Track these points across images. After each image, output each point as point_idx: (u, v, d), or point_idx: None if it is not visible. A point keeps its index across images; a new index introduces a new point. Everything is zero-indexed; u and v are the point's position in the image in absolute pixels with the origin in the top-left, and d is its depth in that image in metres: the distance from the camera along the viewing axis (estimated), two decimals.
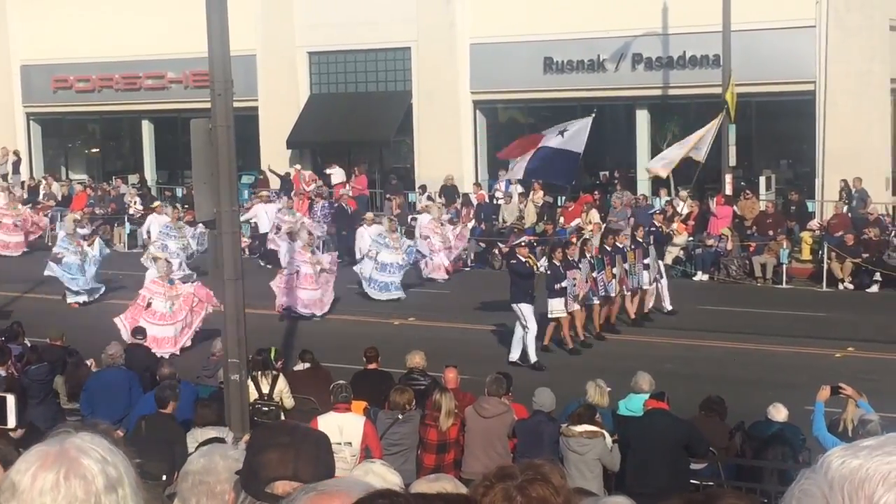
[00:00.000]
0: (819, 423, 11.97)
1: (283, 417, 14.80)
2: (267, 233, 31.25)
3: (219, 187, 13.68)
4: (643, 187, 34.63)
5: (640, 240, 24.18)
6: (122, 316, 22.14)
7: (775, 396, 14.75)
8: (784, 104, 33.45)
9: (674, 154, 26.55)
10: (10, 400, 3.12)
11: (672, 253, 28.18)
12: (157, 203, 31.24)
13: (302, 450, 3.27)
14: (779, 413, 13.75)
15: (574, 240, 24.34)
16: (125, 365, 16.55)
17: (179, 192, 38.21)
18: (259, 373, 15.28)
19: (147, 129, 42.79)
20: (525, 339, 20.74)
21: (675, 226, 29.02)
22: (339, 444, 12.30)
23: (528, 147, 22.10)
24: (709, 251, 29.06)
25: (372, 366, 16.20)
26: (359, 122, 36.94)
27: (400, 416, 13.40)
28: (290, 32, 38.08)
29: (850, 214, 29.65)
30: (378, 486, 3.34)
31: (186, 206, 33.62)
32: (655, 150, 34.83)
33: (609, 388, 14.81)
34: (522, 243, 22.86)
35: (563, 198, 33.68)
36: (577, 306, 21.91)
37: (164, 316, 22.25)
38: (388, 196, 35.16)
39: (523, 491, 2.96)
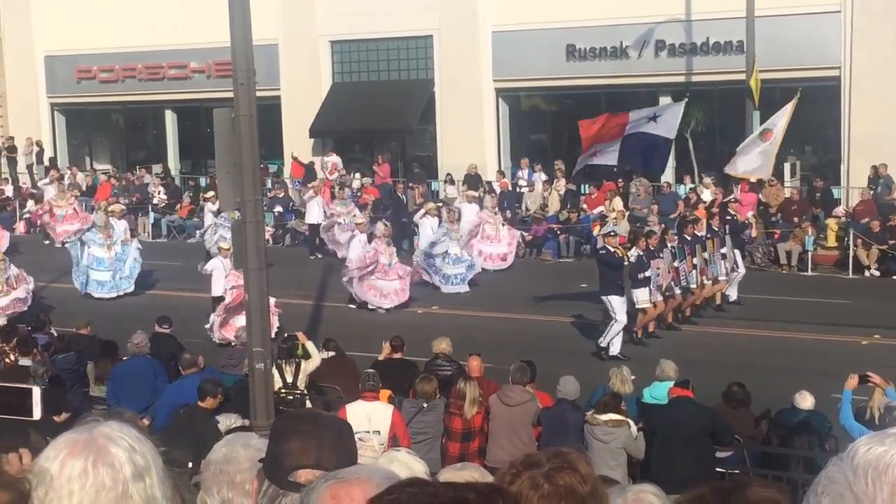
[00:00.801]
0: (846, 412, 11.93)
1: (308, 406, 14.85)
2: (318, 224, 31.09)
3: (242, 177, 13.70)
4: (667, 174, 34.47)
5: (717, 228, 23.65)
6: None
7: (801, 384, 14.67)
8: (809, 90, 33.19)
9: (767, 151, 25.11)
10: (36, 392, 3.13)
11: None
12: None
13: (324, 438, 3.28)
14: (805, 401, 13.69)
15: (656, 229, 23.84)
16: (150, 353, 16.64)
17: (203, 181, 38.29)
18: (283, 361, 15.31)
19: (170, 118, 42.88)
20: (613, 327, 20.31)
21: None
22: (368, 432, 12.32)
23: (613, 132, 21.49)
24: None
25: (397, 355, 16.22)
26: (381, 110, 36.94)
27: (425, 405, 13.42)
28: (312, 21, 38.08)
29: (875, 200, 29.47)
30: (401, 474, 3.35)
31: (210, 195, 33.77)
32: (679, 138, 34.68)
33: (633, 377, 14.79)
34: (612, 233, 22.31)
35: (587, 185, 33.62)
36: (660, 297, 21.50)
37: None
38: (410, 185, 35.16)
39: (550, 479, 2.95)
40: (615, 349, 20.25)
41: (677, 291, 22.11)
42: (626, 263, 20.61)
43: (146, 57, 40.90)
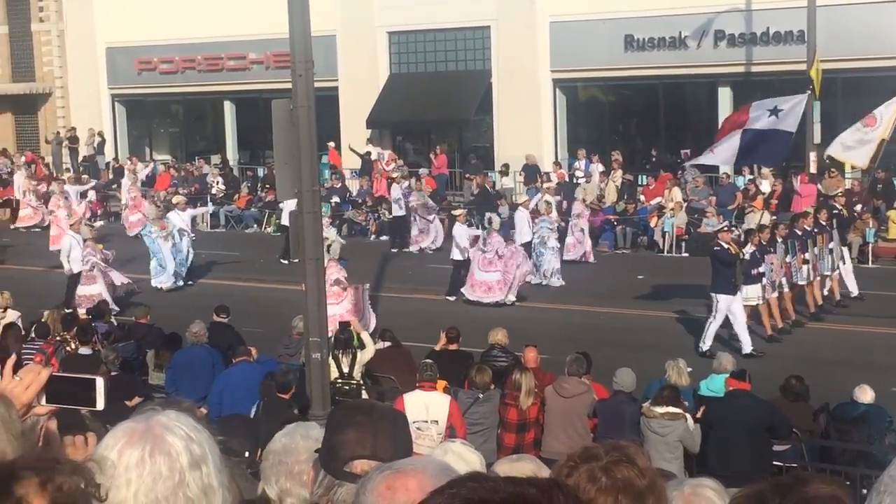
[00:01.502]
0: None
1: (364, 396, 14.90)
2: (402, 215, 31.26)
3: (300, 167, 13.76)
4: (725, 166, 34.19)
5: (824, 223, 22.82)
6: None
7: (861, 378, 14.51)
8: (870, 80, 32.77)
9: (867, 139, 23.79)
10: (100, 382, 3.17)
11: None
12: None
13: (380, 428, 3.30)
14: (865, 394, 13.54)
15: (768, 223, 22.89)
16: (209, 343, 16.78)
17: (261, 172, 38.54)
18: (340, 352, 15.38)
19: (229, 109, 43.18)
20: (711, 326, 19.67)
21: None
22: (426, 422, 12.35)
23: (734, 126, 20.98)
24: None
25: (453, 346, 16.23)
26: (438, 101, 36.94)
27: (480, 396, 13.43)
28: (370, 12, 38.16)
29: None
30: (456, 465, 3.35)
31: (268, 185, 33.97)
32: None
33: (689, 369, 14.70)
34: (725, 228, 21.43)
35: (645, 176, 33.44)
36: (774, 293, 20.87)
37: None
38: (467, 175, 35.14)
39: (608, 472, 2.94)
40: (705, 344, 19.58)
41: (786, 289, 21.34)
42: (740, 260, 19.81)
43: (205, 48, 41.22)
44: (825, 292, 22.95)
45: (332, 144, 37.12)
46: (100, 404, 3.20)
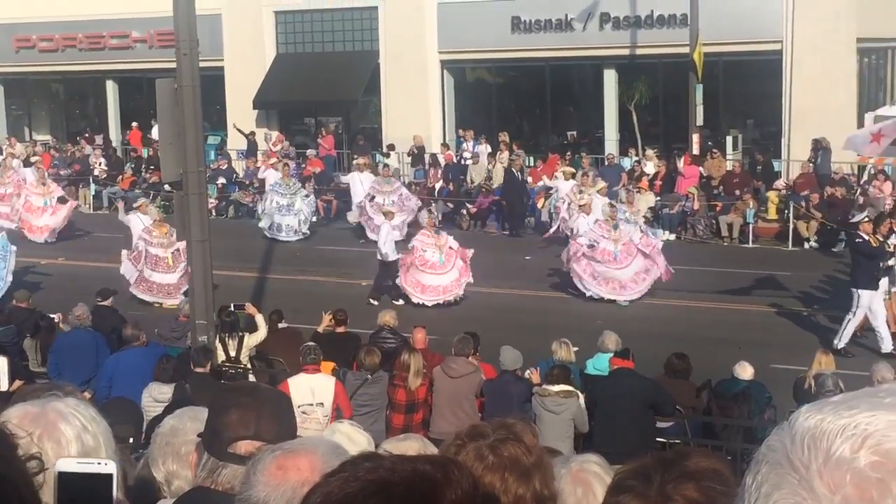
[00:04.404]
0: None
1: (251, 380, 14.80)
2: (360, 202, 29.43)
3: (185, 148, 13.59)
4: (611, 147, 34.67)
5: None
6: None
7: (741, 355, 14.85)
8: (751, 63, 33.51)
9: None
10: (2, 363, 3.10)
11: (640, 212, 27.78)
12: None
13: (263, 409, 3.30)
14: (745, 371, 13.86)
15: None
16: (92, 326, 16.50)
17: (145, 152, 37.93)
18: (227, 335, 15.25)
19: (111, 89, 42.44)
20: (849, 323, 18.56)
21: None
22: (312, 404, 12.36)
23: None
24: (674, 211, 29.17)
25: (340, 329, 16.21)
26: (325, 82, 36.75)
27: (369, 377, 13.44)
28: None
29: (815, 173, 29.76)
30: (345, 445, 3.36)
31: (152, 166, 33.45)
32: (623, 110, 34.94)
33: (576, 348, 14.88)
34: (866, 218, 19.82)
35: (532, 158, 33.72)
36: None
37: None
38: (355, 157, 35.05)
39: (495, 450, 2.96)
40: (842, 341, 18.56)
41: None
42: (887, 251, 18.68)
43: (87, 26, 40.36)
44: None
45: (135, 124, 36.77)
46: (3, 384, 3.13)
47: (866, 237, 18.76)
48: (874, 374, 13.03)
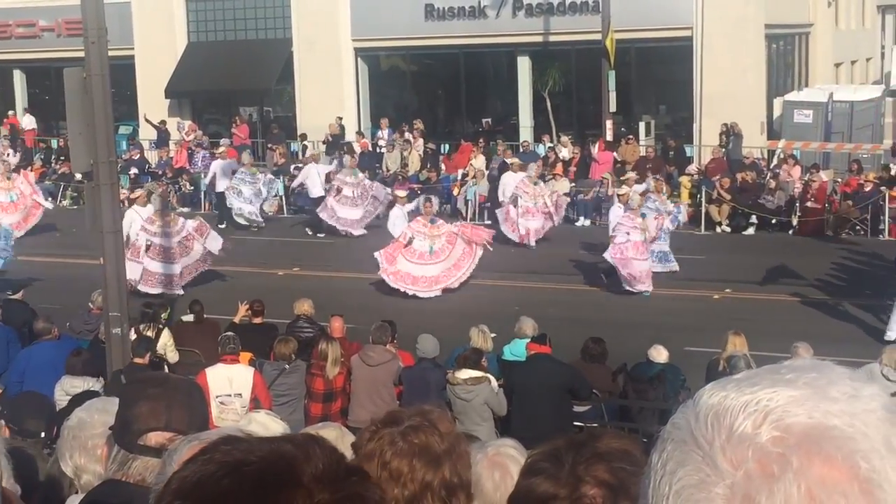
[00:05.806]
0: None
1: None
2: (321, 197, 28.32)
3: (95, 138, 13.39)
4: (525, 133, 34.85)
5: None
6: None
7: (656, 338, 15.02)
8: (662, 50, 33.89)
9: None
10: None
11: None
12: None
13: (174, 400, 3.27)
14: (660, 355, 14.02)
15: None
16: (1, 320, 16.21)
17: (55, 143, 37.31)
18: (145, 326, 15.09)
19: (19, 78, 41.73)
20: None
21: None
22: (230, 395, 12.30)
23: None
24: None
25: (258, 319, 16.11)
26: (239, 70, 36.45)
27: (286, 367, 13.39)
28: None
29: (726, 158, 30.19)
30: (261, 434, 3.34)
31: (62, 157, 32.88)
32: (537, 97, 35.13)
33: (493, 334, 14.93)
34: None
35: (446, 145, 33.78)
36: None
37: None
38: (270, 146, 34.82)
39: (406, 437, 2.97)
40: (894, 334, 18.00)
41: None
42: None
43: None
44: None
45: (11, 113, 36.29)
46: None
47: None
48: (794, 352, 12.98)
